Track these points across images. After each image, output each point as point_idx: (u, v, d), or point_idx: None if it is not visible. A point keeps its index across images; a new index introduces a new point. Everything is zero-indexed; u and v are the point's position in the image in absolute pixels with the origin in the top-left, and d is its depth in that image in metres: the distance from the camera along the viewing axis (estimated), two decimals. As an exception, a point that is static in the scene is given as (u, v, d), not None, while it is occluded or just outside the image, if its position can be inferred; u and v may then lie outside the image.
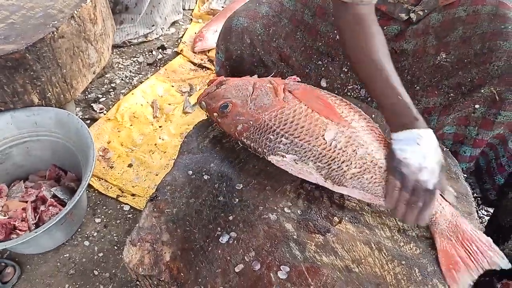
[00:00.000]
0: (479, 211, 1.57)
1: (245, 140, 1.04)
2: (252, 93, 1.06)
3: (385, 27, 1.31)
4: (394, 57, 1.29)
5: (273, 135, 1.00)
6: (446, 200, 0.95)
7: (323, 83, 1.40)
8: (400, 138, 0.93)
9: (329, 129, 0.97)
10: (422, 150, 0.89)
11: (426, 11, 1.23)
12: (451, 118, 1.24)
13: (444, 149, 1.15)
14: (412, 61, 1.29)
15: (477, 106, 1.18)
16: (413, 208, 0.89)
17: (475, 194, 1.38)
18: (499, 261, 0.89)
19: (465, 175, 1.27)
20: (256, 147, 1.03)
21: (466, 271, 0.88)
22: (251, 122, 1.03)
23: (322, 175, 0.97)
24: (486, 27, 1.18)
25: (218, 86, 1.12)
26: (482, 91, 1.16)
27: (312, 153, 0.97)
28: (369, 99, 1.35)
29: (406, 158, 0.90)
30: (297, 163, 0.99)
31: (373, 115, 1.19)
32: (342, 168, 0.96)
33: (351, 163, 0.95)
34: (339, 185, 0.97)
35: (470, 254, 0.90)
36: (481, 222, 1.53)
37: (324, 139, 0.97)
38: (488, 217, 1.48)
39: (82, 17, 1.58)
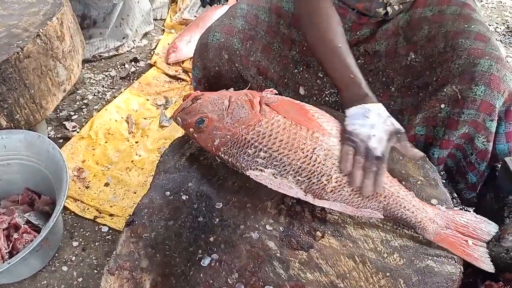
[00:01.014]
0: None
1: (222, 155, 1.02)
2: (228, 106, 1.04)
3: (357, 32, 1.32)
4: (367, 58, 1.30)
5: (251, 149, 0.98)
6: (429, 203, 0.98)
7: (301, 91, 1.39)
8: (351, 113, 1.00)
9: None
10: (370, 122, 0.96)
11: (401, 6, 1.24)
12: (420, 117, 1.24)
13: (423, 155, 1.15)
14: (386, 62, 1.30)
15: (442, 105, 1.19)
16: (368, 172, 0.92)
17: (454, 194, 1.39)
18: (491, 228, 0.97)
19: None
20: (234, 162, 1.00)
21: (478, 248, 0.93)
22: (228, 137, 1.00)
23: (302, 189, 0.96)
24: (450, 26, 1.19)
25: (194, 101, 1.09)
26: (445, 90, 1.16)
27: (292, 167, 0.96)
28: None
29: (356, 129, 0.97)
30: (276, 178, 0.97)
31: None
32: (322, 182, 0.95)
33: (331, 177, 0.94)
34: (320, 199, 0.96)
35: (470, 235, 0.94)
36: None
37: (303, 152, 0.96)
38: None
39: (49, 35, 1.54)
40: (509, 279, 1.16)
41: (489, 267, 0.93)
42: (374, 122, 0.97)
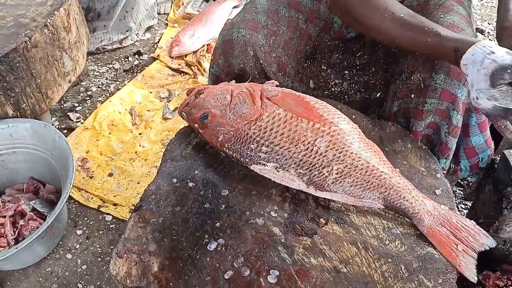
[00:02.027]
0: (458, 206, 1.61)
1: (227, 150, 1.05)
2: (231, 101, 1.06)
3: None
4: (367, 48, 1.31)
5: (254, 144, 1.01)
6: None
7: (311, 84, 1.41)
8: (471, 54, 0.93)
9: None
10: (502, 52, 0.90)
11: None
12: (396, 106, 1.24)
13: (423, 147, 1.17)
14: (384, 50, 1.32)
15: (412, 96, 1.19)
16: None
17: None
18: (487, 241, 0.95)
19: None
20: (238, 157, 1.03)
21: (466, 255, 0.93)
22: (232, 133, 1.03)
23: (304, 181, 0.99)
24: (428, 16, 1.18)
25: (197, 96, 1.11)
26: (413, 78, 1.17)
27: (293, 160, 0.99)
28: (351, 91, 1.36)
29: (495, 55, 0.89)
30: (278, 171, 1.00)
31: (353, 116, 1.20)
32: (323, 174, 0.97)
33: (331, 169, 0.97)
34: (321, 190, 0.98)
35: (462, 241, 0.94)
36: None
37: (303, 145, 0.98)
38: (467, 211, 1.51)
39: (56, 25, 1.55)
40: (506, 270, 1.19)
41: (472, 276, 0.91)
42: (470, 75, 0.92)
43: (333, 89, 1.38)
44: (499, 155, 1.21)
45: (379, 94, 1.32)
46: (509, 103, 0.87)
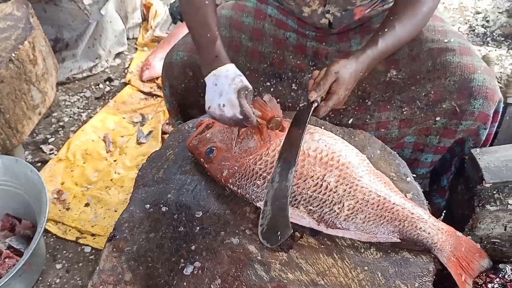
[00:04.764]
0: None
1: (232, 186, 1.02)
2: (237, 135, 1.05)
3: (323, 43, 1.34)
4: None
5: (260, 181, 0.99)
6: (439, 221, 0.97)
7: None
8: (208, 87, 1.03)
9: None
10: (218, 89, 0.99)
11: (343, 13, 1.24)
12: (412, 130, 1.29)
13: (392, 152, 1.18)
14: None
15: (438, 118, 1.24)
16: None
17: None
18: (486, 263, 0.98)
19: (420, 180, 1.33)
20: (244, 194, 1.00)
21: (470, 279, 0.94)
22: (236, 168, 1.01)
23: (314, 218, 0.96)
24: (431, 43, 1.23)
25: (205, 130, 1.11)
26: (444, 106, 1.21)
27: (302, 196, 0.96)
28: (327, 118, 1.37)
29: (210, 107, 1.01)
30: None
31: (322, 127, 1.21)
32: (335, 211, 0.95)
33: (343, 205, 0.94)
34: (333, 228, 0.95)
35: (469, 265, 0.95)
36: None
37: (312, 180, 0.96)
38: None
39: (21, 59, 1.55)
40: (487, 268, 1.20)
41: None
42: (221, 87, 0.99)
43: None
44: (468, 155, 1.24)
45: (350, 120, 1.32)
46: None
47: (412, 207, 0.96)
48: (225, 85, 0.98)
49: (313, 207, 0.95)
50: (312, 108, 1.04)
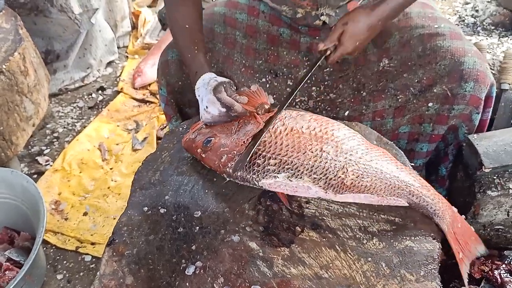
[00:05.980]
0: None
1: (230, 170, 1.02)
2: (237, 126, 1.07)
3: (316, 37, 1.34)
4: (336, 66, 1.32)
5: (260, 159, 1.00)
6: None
7: (271, 100, 1.41)
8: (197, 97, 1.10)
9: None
10: (200, 97, 1.08)
11: (337, 11, 1.25)
12: (406, 118, 1.29)
13: (389, 142, 1.18)
14: (355, 69, 1.32)
15: (430, 104, 1.24)
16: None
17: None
18: (482, 249, 1.01)
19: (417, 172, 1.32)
20: (244, 175, 1.01)
21: (467, 260, 0.97)
22: (235, 152, 1.02)
23: (321, 186, 0.97)
24: (421, 28, 1.24)
25: (202, 127, 1.12)
26: (435, 90, 1.22)
27: (304, 166, 0.97)
28: (317, 110, 1.37)
29: (202, 116, 1.09)
30: (291, 181, 0.98)
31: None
32: (340, 176, 0.96)
33: (347, 170, 0.96)
34: (341, 194, 0.97)
35: (466, 245, 0.97)
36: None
37: (311, 152, 0.98)
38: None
39: (12, 70, 1.54)
40: (490, 254, 1.20)
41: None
42: (201, 94, 1.07)
43: (297, 106, 1.38)
44: (466, 141, 1.23)
45: (347, 112, 1.33)
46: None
47: (416, 175, 1.00)
48: (203, 91, 1.06)
49: (317, 175, 0.97)
50: (323, 58, 1.14)
